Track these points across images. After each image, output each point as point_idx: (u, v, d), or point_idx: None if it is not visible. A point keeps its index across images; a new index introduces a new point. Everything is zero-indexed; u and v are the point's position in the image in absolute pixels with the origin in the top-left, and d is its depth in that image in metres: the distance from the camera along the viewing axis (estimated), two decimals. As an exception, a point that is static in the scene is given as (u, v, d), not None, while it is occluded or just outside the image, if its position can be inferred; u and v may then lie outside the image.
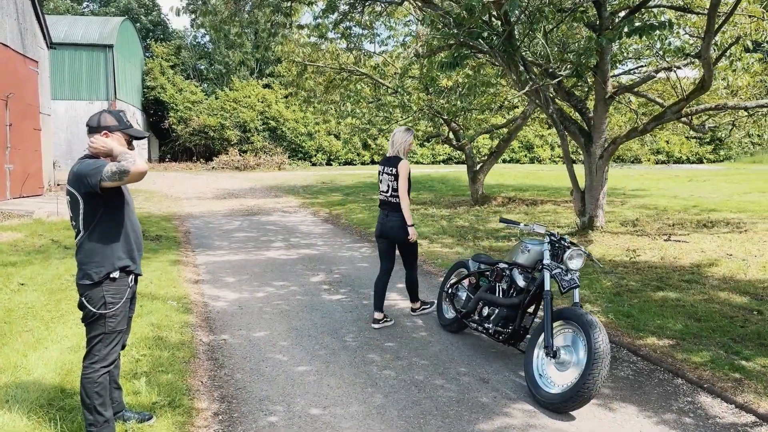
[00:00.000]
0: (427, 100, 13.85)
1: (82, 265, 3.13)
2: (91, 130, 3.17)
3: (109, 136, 3.17)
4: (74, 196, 3.09)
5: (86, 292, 3.12)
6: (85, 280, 3.11)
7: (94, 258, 3.10)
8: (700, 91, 8.14)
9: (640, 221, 11.21)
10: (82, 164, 3.08)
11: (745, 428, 3.58)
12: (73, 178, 3.08)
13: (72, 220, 3.18)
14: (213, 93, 35.13)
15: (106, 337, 3.15)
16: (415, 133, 5.88)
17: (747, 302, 5.88)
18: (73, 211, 3.14)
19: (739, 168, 28.12)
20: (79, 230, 3.13)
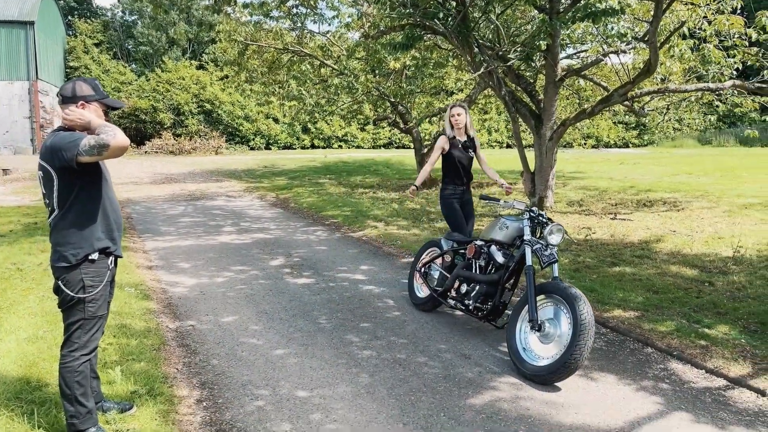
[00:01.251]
0: (374, 83, 13.75)
1: (58, 247, 2.91)
2: (66, 101, 2.91)
3: (86, 106, 2.92)
4: (47, 171, 2.86)
5: (63, 275, 2.89)
6: (61, 263, 2.89)
7: (71, 239, 2.88)
8: (646, 74, 8.46)
9: (585, 202, 11.61)
10: (56, 137, 2.83)
11: (719, 391, 3.76)
12: (46, 152, 2.84)
13: (45, 198, 2.94)
14: (143, 74, 33.56)
15: (85, 323, 2.94)
16: (458, 104, 5.59)
17: (697, 275, 6.19)
18: (46, 187, 2.90)
19: (662, 152, 29.59)
20: (53, 209, 2.90)
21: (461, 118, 5.47)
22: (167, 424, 3.20)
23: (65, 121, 2.88)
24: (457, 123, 5.47)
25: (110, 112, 3.05)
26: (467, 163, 5.59)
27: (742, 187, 12.98)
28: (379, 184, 16.15)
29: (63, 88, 2.93)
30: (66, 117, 2.87)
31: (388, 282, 6.35)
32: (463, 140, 5.55)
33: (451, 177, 5.59)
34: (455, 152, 5.51)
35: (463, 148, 5.54)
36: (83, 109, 2.90)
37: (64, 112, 2.89)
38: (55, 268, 2.92)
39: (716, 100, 12.17)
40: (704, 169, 17.34)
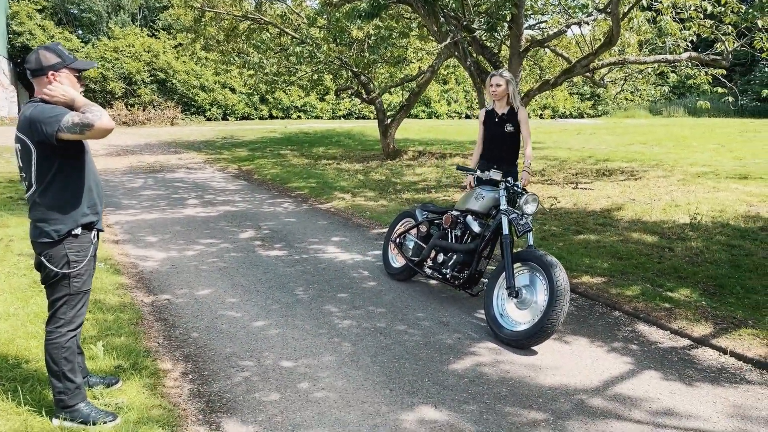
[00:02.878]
0: (337, 52, 13.56)
1: (39, 223, 2.82)
2: (35, 73, 2.76)
3: (56, 76, 2.77)
4: (26, 144, 2.74)
5: (45, 250, 2.82)
6: (43, 238, 2.81)
7: (52, 215, 2.80)
8: (608, 45, 8.62)
9: (546, 171, 11.86)
10: (36, 108, 2.71)
11: (684, 350, 3.99)
12: (25, 124, 2.72)
13: (22, 172, 2.82)
14: (89, 41, 32.10)
15: (71, 298, 2.88)
16: (499, 74, 5.00)
17: (658, 241, 6.45)
18: (23, 161, 2.78)
19: (616, 122, 30.31)
20: (30, 184, 2.79)
21: (500, 89, 4.95)
22: (156, 397, 3.20)
23: (46, 96, 2.77)
24: (494, 94, 4.99)
25: (82, 74, 2.92)
26: (504, 139, 5.09)
27: (694, 156, 13.48)
28: (342, 155, 16.07)
29: (27, 60, 2.79)
30: (48, 93, 2.75)
31: (361, 252, 6.40)
32: (501, 113, 5.09)
33: (485, 153, 5.22)
34: (489, 126, 5.13)
35: (499, 121, 5.08)
36: (66, 87, 2.78)
37: (45, 90, 2.77)
38: (36, 243, 2.84)
39: (671, 71, 12.50)
40: (657, 139, 17.90)
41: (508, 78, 5.00)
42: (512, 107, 5.08)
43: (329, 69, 14.97)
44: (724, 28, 9.82)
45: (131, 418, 2.95)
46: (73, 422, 2.86)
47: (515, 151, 5.15)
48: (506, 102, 5.09)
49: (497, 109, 5.12)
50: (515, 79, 9.78)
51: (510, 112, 5.08)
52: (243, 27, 15.45)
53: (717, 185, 9.54)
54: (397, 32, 12.53)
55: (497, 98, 5.06)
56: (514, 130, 5.07)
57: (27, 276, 5.12)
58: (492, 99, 5.10)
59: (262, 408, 3.19)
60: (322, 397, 3.31)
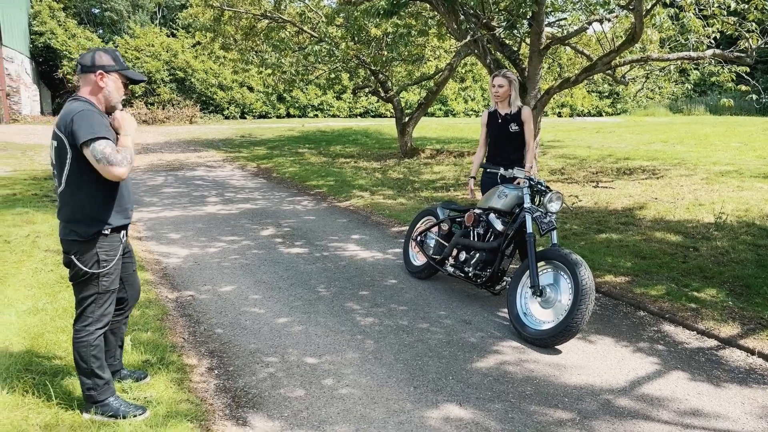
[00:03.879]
0: (355, 50, 13.57)
1: (69, 223, 2.85)
2: (84, 70, 2.82)
3: (104, 76, 2.83)
4: (62, 143, 2.75)
5: (76, 249, 2.85)
6: (73, 237, 2.84)
7: (84, 215, 2.82)
8: (630, 43, 8.53)
9: (566, 170, 11.77)
10: (82, 113, 2.72)
11: (711, 351, 3.94)
12: (65, 123, 2.72)
13: (54, 169, 2.84)
14: (110, 40, 32.46)
15: (99, 297, 2.91)
16: (501, 74, 4.94)
17: (682, 240, 6.38)
18: (57, 159, 2.80)
19: (636, 120, 29.98)
20: (61, 182, 2.81)
21: (503, 90, 4.90)
22: (183, 392, 3.24)
23: (113, 122, 2.84)
24: (496, 95, 4.94)
25: (130, 85, 2.97)
26: (507, 140, 4.99)
27: (717, 154, 13.29)
28: (359, 153, 16.09)
29: (82, 56, 2.84)
30: (115, 116, 2.85)
31: (381, 250, 6.40)
32: (504, 113, 5.02)
33: (491, 155, 5.14)
34: (492, 127, 5.07)
35: (503, 122, 5.00)
36: (102, 81, 2.82)
37: (117, 114, 2.84)
38: (66, 242, 2.87)
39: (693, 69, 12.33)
40: (678, 137, 17.66)
41: (511, 78, 4.94)
42: (517, 107, 5.01)
43: (347, 67, 15.00)
44: (747, 25, 9.66)
45: (160, 412, 2.99)
46: (103, 416, 2.90)
47: (521, 151, 5.07)
48: (509, 102, 5.01)
49: (500, 109, 5.03)
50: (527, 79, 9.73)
51: (514, 112, 5.00)
52: (261, 26, 15.53)
53: (741, 184, 9.40)
54: (415, 30, 12.50)
55: (499, 99, 4.98)
56: (519, 129, 4.99)
57: (54, 272, 5.20)
58: (494, 100, 5.03)
59: (288, 404, 3.21)
60: (347, 393, 3.33)
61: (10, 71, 24.80)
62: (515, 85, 4.96)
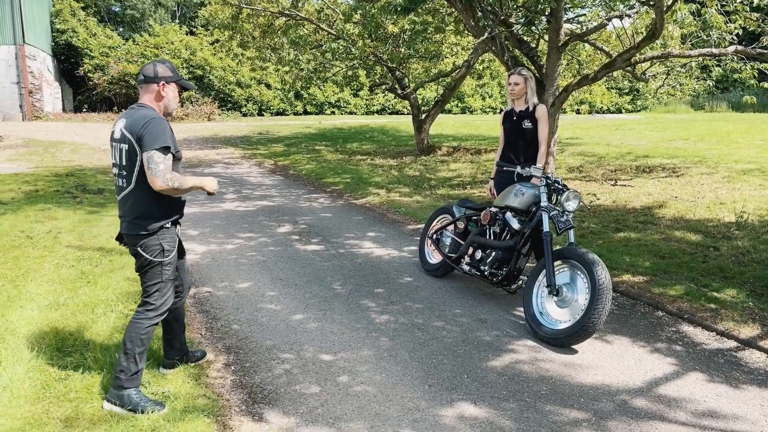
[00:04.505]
0: (372, 47, 13.56)
1: (136, 219, 3.07)
2: (148, 80, 3.10)
3: (165, 86, 3.11)
4: (133, 146, 2.98)
5: (142, 241, 3.07)
6: (139, 231, 3.07)
7: (150, 212, 3.06)
8: (651, 39, 8.42)
9: (584, 168, 11.68)
10: (155, 120, 2.97)
11: (730, 352, 3.89)
12: (138, 128, 2.95)
13: (121, 169, 3.06)
14: (130, 38, 32.81)
15: (163, 286, 3.14)
16: (517, 72, 4.94)
17: (702, 240, 6.29)
18: (126, 160, 3.02)
19: (656, 117, 29.59)
20: (129, 183, 3.04)
21: (519, 88, 4.91)
22: (200, 387, 3.28)
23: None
24: (512, 93, 4.95)
25: (182, 92, 3.27)
26: (520, 136, 4.99)
27: (739, 152, 13.07)
28: (376, 150, 16.10)
29: (145, 68, 3.11)
30: (211, 187, 3.17)
31: (397, 248, 6.41)
32: (519, 110, 5.02)
33: (504, 152, 5.15)
34: (507, 124, 5.07)
35: (517, 119, 5.00)
36: (164, 90, 3.11)
37: (208, 184, 3.16)
38: (133, 236, 3.09)
39: (715, 65, 12.14)
40: (700, 135, 17.41)
41: (527, 76, 4.94)
42: (533, 104, 5.00)
43: (364, 65, 15.01)
44: (772, 21, 9.49)
45: (178, 407, 3.03)
46: (122, 408, 2.97)
47: (534, 148, 5.03)
48: (525, 100, 5.01)
49: (516, 107, 5.05)
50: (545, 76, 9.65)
51: (528, 110, 4.99)
52: (279, 23, 15.59)
53: (764, 183, 9.24)
54: (432, 27, 12.46)
55: (515, 97, 4.99)
56: (532, 127, 4.96)
57: (75, 267, 5.29)
58: (510, 97, 5.04)
59: (303, 400, 3.23)
60: (362, 391, 3.34)
61: (33, 69, 25.20)
62: (531, 83, 4.95)
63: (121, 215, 3.11)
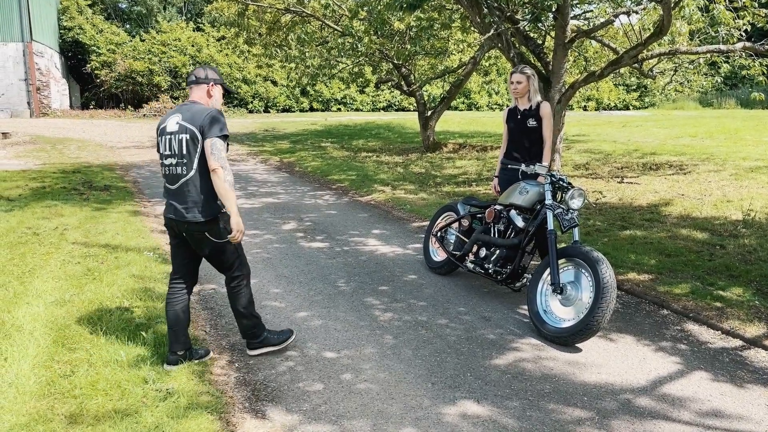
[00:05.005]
0: (378, 44, 13.54)
1: (196, 204, 3.30)
2: (199, 81, 3.45)
3: (214, 87, 3.47)
4: (195, 135, 3.27)
5: (207, 228, 3.34)
6: (204, 217, 3.30)
7: (209, 198, 3.32)
8: (658, 36, 8.37)
9: (591, 165, 11.63)
10: (216, 113, 3.31)
11: (735, 351, 3.87)
12: (200, 119, 3.27)
13: (180, 158, 3.30)
14: (137, 35, 32.91)
15: (240, 257, 3.55)
16: (519, 71, 4.88)
17: (708, 238, 6.26)
18: (187, 149, 3.29)
19: (664, 114, 29.43)
20: (189, 170, 3.29)
21: (521, 86, 4.84)
22: (204, 384, 3.29)
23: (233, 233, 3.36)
24: (515, 91, 4.90)
25: (225, 95, 3.63)
26: (525, 135, 4.95)
27: (747, 149, 12.99)
28: (381, 147, 16.09)
29: (196, 71, 3.47)
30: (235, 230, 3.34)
31: (401, 246, 6.41)
32: (523, 108, 4.96)
33: (509, 150, 5.09)
34: (512, 122, 5.03)
35: (522, 117, 4.95)
36: (212, 90, 3.47)
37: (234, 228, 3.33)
38: (193, 224, 3.32)
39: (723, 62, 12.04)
40: (708, 132, 17.30)
41: (529, 74, 4.87)
42: (536, 102, 4.93)
43: (370, 61, 14.99)
44: (781, 17, 9.41)
45: (181, 404, 3.04)
46: (268, 348, 3.66)
47: (539, 146, 4.99)
48: (528, 98, 4.95)
49: (519, 105, 4.98)
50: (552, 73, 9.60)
51: (532, 108, 4.93)
52: (285, 20, 15.58)
53: (771, 180, 9.18)
54: (438, 24, 12.42)
55: (518, 95, 4.92)
56: (537, 125, 4.91)
57: (81, 264, 5.32)
58: (513, 95, 4.98)
59: (307, 398, 3.24)
60: (365, 388, 3.35)
61: (40, 66, 25.31)
62: (533, 81, 4.90)
63: (179, 203, 3.33)
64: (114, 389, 3.13)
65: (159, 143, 3.43)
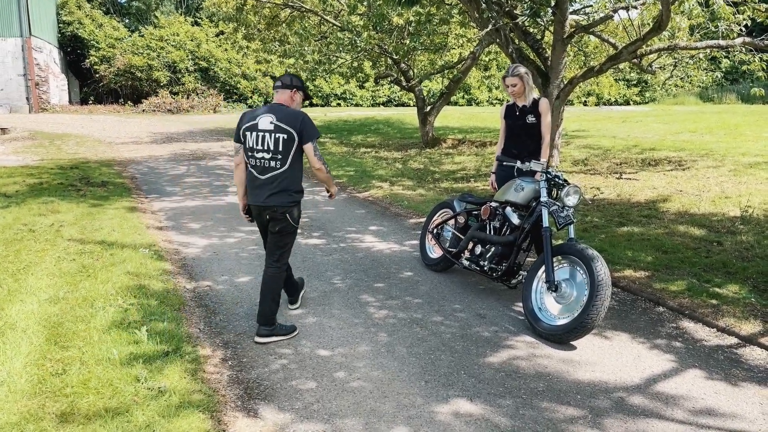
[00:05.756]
0: (377, 39, 13.49)
1: (286, 191, 3.87)
2: (285, 86, 3.95)
3: (296, 93, 3.97)
4: (292, 136, 3.81)
5: (290, 210, 3.91)
6: (290, 201, 3.89)
7: (296, 186, 3.93)
8: (657, 31, 8.33)
9: (589, 161, 11.60)
10: (306, 118, 3.85)
11: (730, 349, 3.86)
12: (295, 121, 3.80)
13: (276, 154, 3.82)
14: (136, 30, 32.82)
15: (292, 245, 4.11)
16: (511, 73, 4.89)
17: (706, 234, 6.24)
18: (283, 147, 3.81)
19: (664, 109, 29.34)
20: (284, 164, 3.83)
21: (516, 88, 4.86)
22: (196, 382, 3.28)
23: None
24: (512, 93, 4.92)
25: (305, 100, 4.15)
26: (524, 131, 4.95)
27: (747, 145, 12.95)
28: (380, 143, 16.06)
29: (283, 78, 3.96)
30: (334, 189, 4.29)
31: (398, 242, 6.40)
32: (522, 105, 4.94)
33: (507, 147, 5.09)
34: (510, 119, 5.02)
35: (520, 114, 4.95)
36: (294, 95, 3.97)
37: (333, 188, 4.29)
38: (282, 206, 3.87)
39: (724, 57, 11.99)
40: (708, 127, 17.25)
41: (521, 73, 4.84)
42: (533, 99, 4.92)
43: (369, 56, 14.94)
44: (780, 12, 9.36)
45: (173, 402, 3.03)
46: (281, 336, 3.92)
47: (538, 143, 4.98)
48: (525, 96, 4.93)
49: (518, 102, 4.97)
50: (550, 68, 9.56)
51: (531, 104, 4.92)
52: (284, 15, 15.53)
53: (770, 176, 9.15)
54: (437, 19, 12.37)
55: (515, 96, 4.94)
56: (536, 121, 4.90)
57: (76, 261, 5.30)
58: (510, 96, 4.99)
59: (299, 396, 3.23)
60: (358, 387, 3.34)
61: (39, 61, 25.26)
62: (527, 79, 4.87)
63: (267, 191, 3.84)
64: (106, 388, 3.12)
65: (247, 137, 3.84)
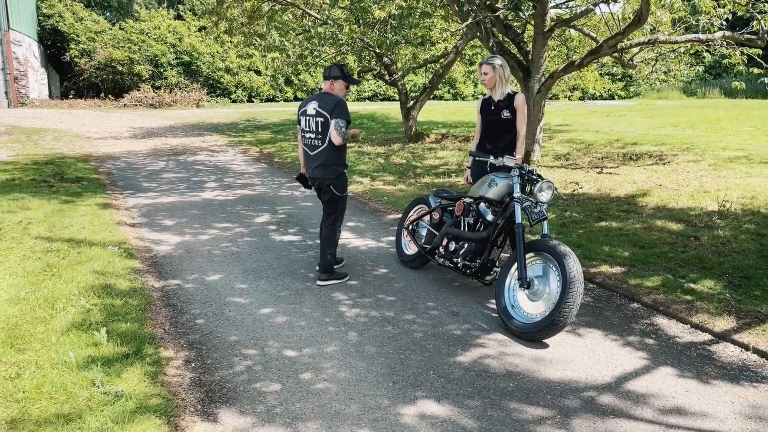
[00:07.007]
0: (359, 33, 13.35)
1: (329, 165, 4.68)
2: (324, 78, 4.71)
3: (334, 83, 4.68)
4: (327, 119, 4.59)
5: (333, 181, 4.72)
6: (333, 174, 4.70)
7: (338, 160, 4.72)
8: (636, 25, 8.29)
9: (571, 155, 11.57)
10: (343, 102, 4.63)
11: (704, 346, 3.82)
12: (331, 106, 4.57)
13: (318, 134, 4.66)
14: (117, 23, 32.34)
15: (343, 209, 4.92)
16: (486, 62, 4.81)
17: (683, 229, 6.22)
18: (322, 129, 4.64)
19: (648, 104, 29.47)
20: (324, 142, 4.64)
21: (488, 77, 4.76)
22: (156, 386, 3.17)
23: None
24: (483, 82, 4.83)
25: (349, 87, 4.83)
26: (499, 126, 4.85)
27: (727, 139, 13.01)
28: (363, 138, 15.94)
29: (326, 69, 4.70)
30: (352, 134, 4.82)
31: (375, 239, 6.31)
32: (497, 99, 4.84)
33: (482, 142, 4.99)
34: (485, 113, 4.91)
35: (495, 108, 4.84)
36: (334, 84, 4.72)
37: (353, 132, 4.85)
38: (326, 178, 4.69)
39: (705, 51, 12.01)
40: (690, 122, 17.33)
41: (496, 64, 4.74)
42: (509, 93, 4.83)
43: (352, 50, 14.79)
44: (760, 6, 9.36)
45: (128, 407, 2.93)
46: (334, 280, 4.86)
47: (513, 138, 4.88)
48: (497, 88, 4.83)
49: (493, 96, 4.86)
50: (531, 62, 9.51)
51: (506, 99, 4.81)
52: (266, 8, 15.33)
53: (749, 170, 9.17)
54: (419, 12, 12.27)
55: (488, 86, 4.84)
56: (511, 116, 4.80)
57: (42, 260, 5.16)
58: (485, 87, 4.88)
59: (262, 399, 3.14)
60: (324, 388, 3.25)
61: (18, 55, 24.80)
62: (500, 72, 4.76)
63: (315, 165, 4.68)
64: (59, 392, 3.01)
65: (301, 120, 4.75)
